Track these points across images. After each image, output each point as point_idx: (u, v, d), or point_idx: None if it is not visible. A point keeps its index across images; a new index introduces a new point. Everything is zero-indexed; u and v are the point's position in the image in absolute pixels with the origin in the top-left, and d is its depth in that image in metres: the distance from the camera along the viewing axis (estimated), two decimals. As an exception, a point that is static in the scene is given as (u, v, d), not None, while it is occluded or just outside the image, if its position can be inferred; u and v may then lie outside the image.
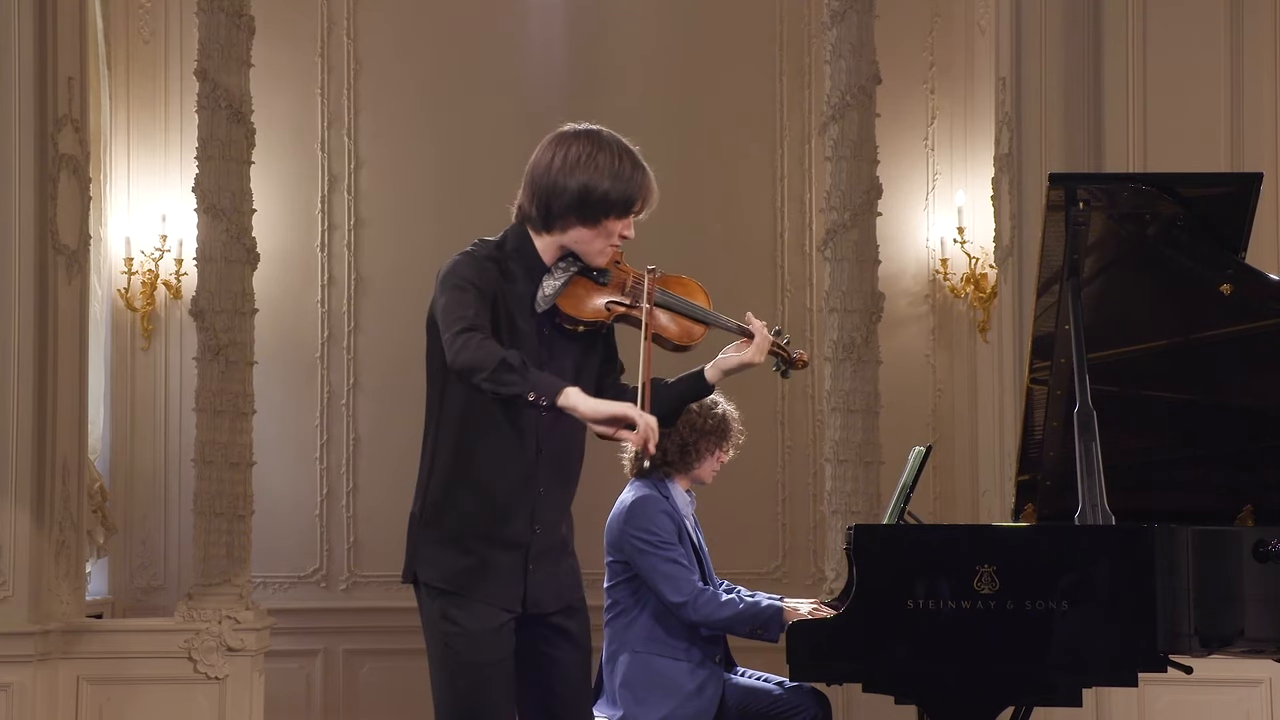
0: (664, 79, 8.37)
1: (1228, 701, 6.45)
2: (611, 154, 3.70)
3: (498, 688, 3.73)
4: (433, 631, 3.76)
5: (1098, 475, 4.28)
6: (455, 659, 3.71)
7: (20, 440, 6.52)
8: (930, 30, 8.35)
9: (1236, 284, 4.49)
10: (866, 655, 4.24)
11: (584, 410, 3.46)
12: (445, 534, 3.75)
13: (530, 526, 3.75)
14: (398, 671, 8.06)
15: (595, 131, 3.75)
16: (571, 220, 3.70)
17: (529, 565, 3.75)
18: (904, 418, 7.94)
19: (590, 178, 3.67)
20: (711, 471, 5.33)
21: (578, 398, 3.47)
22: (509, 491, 3.72)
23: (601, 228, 3.70)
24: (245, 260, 6.92)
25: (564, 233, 3.72)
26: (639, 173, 3.72)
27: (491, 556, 3.72)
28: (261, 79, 7.27)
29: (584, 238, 3.72)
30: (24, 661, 6.47)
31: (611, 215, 3.70)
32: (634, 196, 3.70)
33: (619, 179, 3.68)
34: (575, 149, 3.70)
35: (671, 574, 5.08)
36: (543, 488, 3.75)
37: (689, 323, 3.80)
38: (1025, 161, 6.65)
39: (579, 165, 3.68)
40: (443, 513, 3.75)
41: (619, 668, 5.17)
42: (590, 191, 3.67)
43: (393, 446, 8.13)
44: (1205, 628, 4.22)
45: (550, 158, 3.71)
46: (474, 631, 3.70)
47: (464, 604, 3.71)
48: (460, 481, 3.73)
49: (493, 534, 3.72)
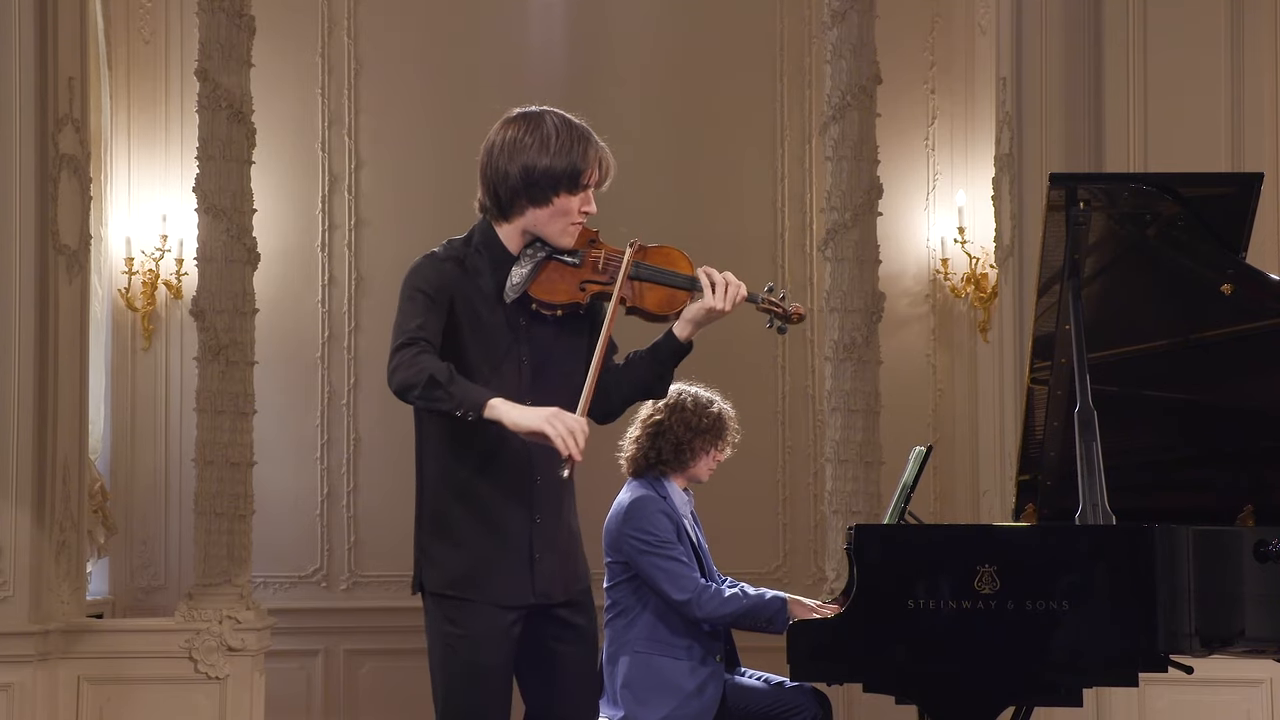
0: (664, 79, 8.37)
1: (1228, 701, 6.45)
2: (547, 130, 3.68)
3: (495, 692, 3.73)
4: (435, 634, 3.75)
5: (1098, 475, 4.28)
6: (456, 661, 3.71)
7: (21, 440, 6.52)
8: (931, 30, 8.35)
9: (1237, 284, 4.49)
10: (867, 655, 4.24)
11: (508, 421, 3.48)
12: (446, 537, 3.74)
13: (530, 517, 3.74)
14: (398, 671, 8.06)
15: (533, 112, 3.74)
16: (523, 203, 3.70)
17: (535, 555, 3.74)
18: (904, 418, 7.94)
19: (529, 158, 3.66)
20: (708, 470, 5.32)
21: (503, 409, 3.48)
22: (504, 485, 3.72)
23: (554, 206, 3.69)
24: (246, 260, 6.93)
25: (521, 216, 3.71)
26: (580, 144, 3.68)
27: (495, 553, 3.72)
28: (262, 79, 7.27)
29: (540, 219, 3.70)
30: (24, 661, 6.47)
31: (560, 191, 3.67)
32: (578, 168, 3.67)
33: (560, 154, 3.66)
34: (512, 132, 3.70)
35: (673, 572, 5.08)
36: (539, 477, 3.73)
37: (669, 290, 3.73)
38: (1026, 161, 6.65)
39: (516, 147, 3.67)
40: (442, 516, 3.75)
41: (619, 668, 5.17)
42: (530, 170, 3.66)
43: (393, 446, 8.13)
44: (1206, 628, 4.22)
45: (491, 145, 3.72)
46: (476, 635, 3.70)
47: (469, 608, 3.70)
48: (455, 482, 3.72)
49: (493, 530, 3.72)
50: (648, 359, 3.81)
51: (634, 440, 5.28)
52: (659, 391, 3.85)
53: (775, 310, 3.80)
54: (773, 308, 3.80)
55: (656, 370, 3.81)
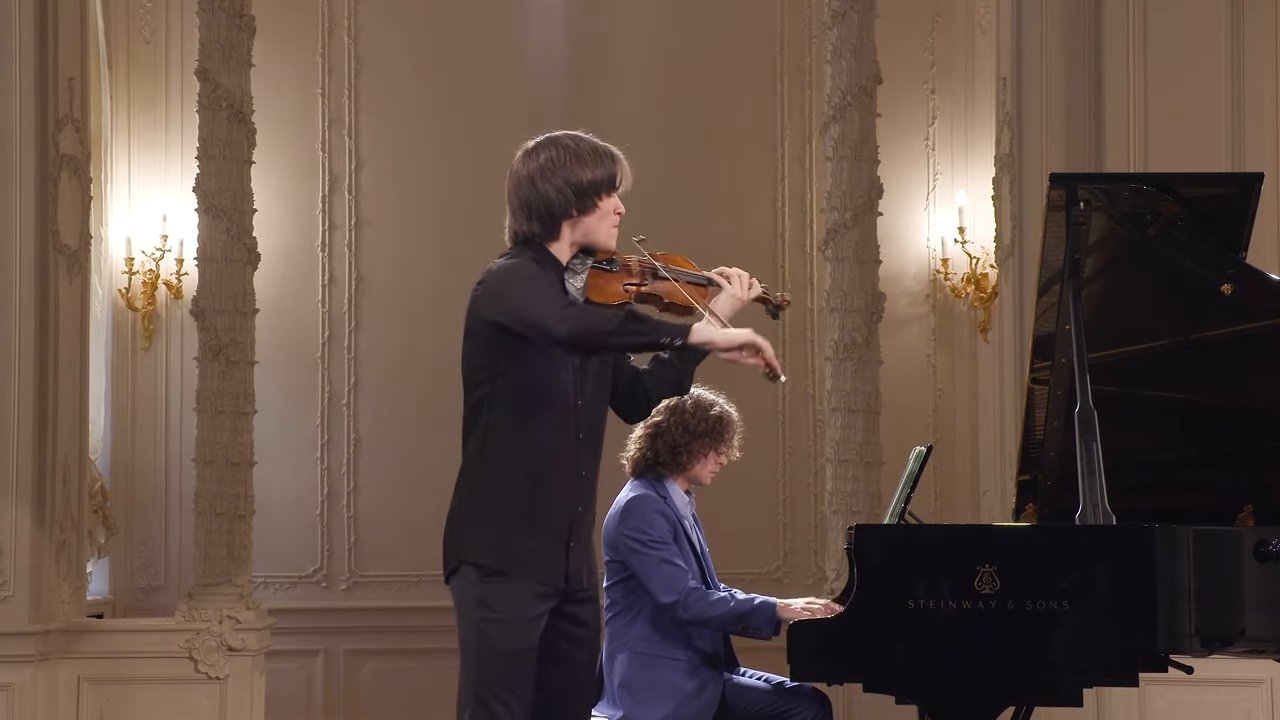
0: (664, 79, 8.36)
1: (1228, 701, 6.45)
2: (572, 145, 3.94)
3: (523, 676, 3.82)
4: (467, 619, 3.85)
5: (1098, 475, 4.28)
6: (488, 645, 3.80)
7: (21, 440, 6.52)
8: (931, 30, 8.35)
9: (1237, 284, 4.49)
10: (867, 655, 4.24)
11: (719, 341, 3.70)
12: (499, 516, 3.85)
13: (575, 506, 3.91)
14: (398, 671, 8.06)
15: (550, 137, 3.98)
16: (573, 214, 3.91)
17: (570, 543, 3.90)
18: (904, 418, 7.93)
19: (570, 172, 3.91)
20: (710, 473, 5.30)
21: (709, 331, 3.72)
22: (560, 475, 3.88)
23: (599, 210, 3.93)
24: (246, 260, 6.93)
25: (573, 230, 3.93)
26: (605, 151, 3.96)
27: (542, 536, 3.86)
28: (262, 79, 7.27)
29: (591, 226, 3.94)
30: (25, 661, 6.47)
31: (602, 194, 3.93)
32: (613, 170, 3.94)
33: (592, 162, 3.92)
34: (543, 156, 3.92)
35: (664, 574, 5.04)
36: (584, 469, 3.93)
37: (694, 286, 3.97)
38: (1026, 161, 6.65)
39: (554, 167, 3.91)
40: (496, 498, 3.87)
41: (618, 668, 5.16)
42: (577, 183, 3.90)
43: (394, 446, 8.14)
44: (1206, 628, 4.22)
45: (527, 174, 3.92)
46: (509, 619, 3.80)
47: (506, 585, 3.81)
48: (521, 466, 3.86)
49: (546, 515, 3.87)
50: (675, 360, 4.02)
51: (635, 441, 5.27)
52: (686, 388, 4.10)
53: (768, 300, 4.06)
54: (766, 296, 4.05)
55: (687, 365, 4.04)
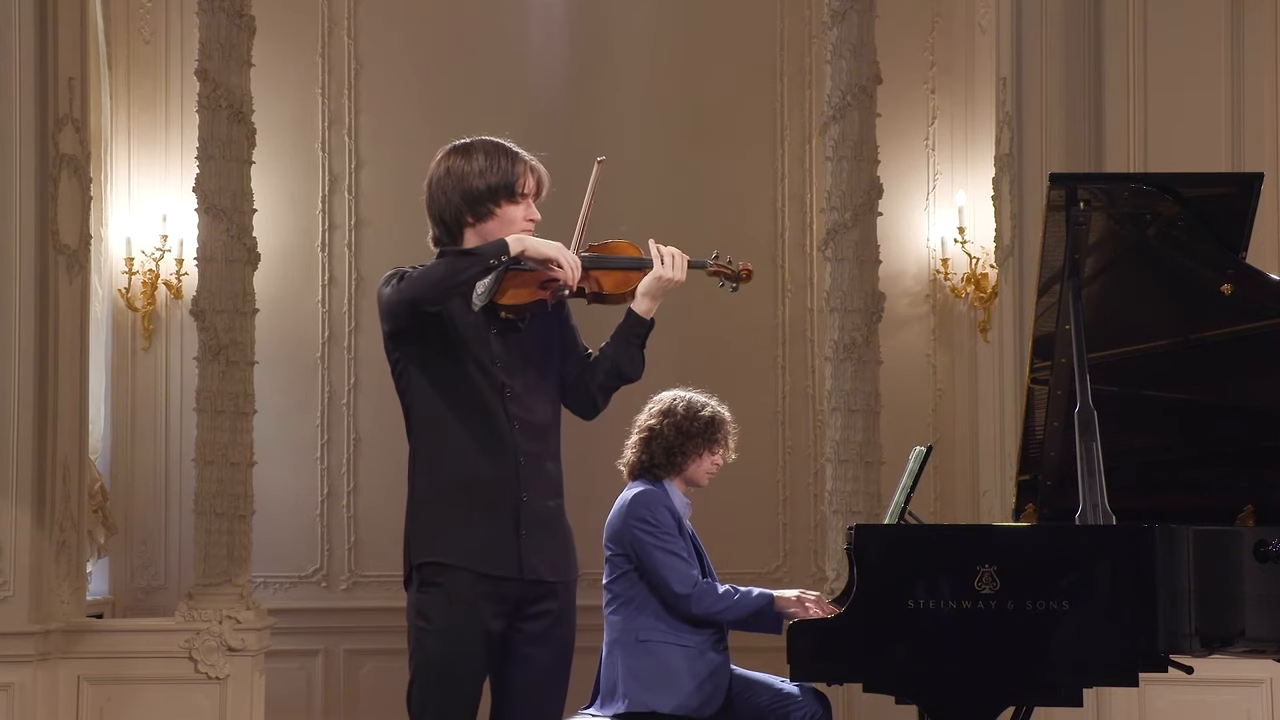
0: (664, 79, 8.37)
1: (1228, 701, 6.45)
2: (475, 154, 3.97)
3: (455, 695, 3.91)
4: (410, 631, 3.97)
5: (1098, 475, 4.28)
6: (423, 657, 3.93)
7: (21, 440, 6.52)
8: (931, 30, 8.35)
9: (1237, 284, 4.49)
10: (867, 655, 4.24)
11: (530, 248, 3.81)
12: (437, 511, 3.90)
13: (517, 495, 3.89)
14: (398, 671, 7.97)
15: (462, 143, 4.02)
16: (469, 222, 3.95)
17: (521, 532, 3.89)
18: (904, 418, 7.93)
19: (463, 182, 3.95)
20: (706, 474, 5.32)
21: (526, 240, 3.83)
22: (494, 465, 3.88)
23: (499, 217, 3.94)
24: (246, 260, 6.93)
25: (478, 236, 3.94)
26: (508, 159, 3.97)
27: (482, 525, 3.88)
28: (262, 79, 7.28)
29: (490, 232, 3.94)
30: (24, 661, 6.48)
31: (500, 202, 3.94)
32: (510, 180, 3.95)
33: (488, 172, 3.94)
34: (445, 164, 3.98)
35: (674, 565, 5.10)
36: (523, 458, 3.90)
37: (623, 272, 3.96)
38: (1026, 161, 6.65)
39: (449, 175, 3.96)
40: (433, 493, 3.92)
41: (622, 659, 5.16)
42: (468, 192, 3.94)
43: (393, 446, 8.03)
44: (1206, 628, 4.22)
45: (432, 181, 3.99)
46: (442, 629, 3.87)
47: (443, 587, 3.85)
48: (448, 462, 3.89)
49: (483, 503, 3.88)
50: (613, 339, 3.99)
51: (630, 446, 5.32)
52: (630, 371, 4.01)
53: (725, 272, 4.04)
54: (721, 269, 4.04)
55: (623, 347, 3.98)
